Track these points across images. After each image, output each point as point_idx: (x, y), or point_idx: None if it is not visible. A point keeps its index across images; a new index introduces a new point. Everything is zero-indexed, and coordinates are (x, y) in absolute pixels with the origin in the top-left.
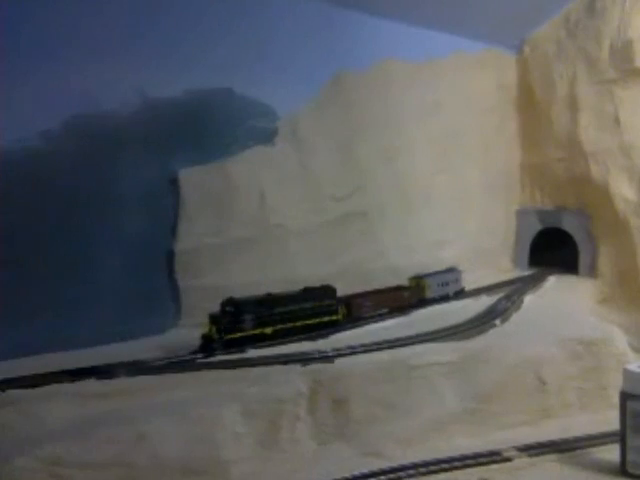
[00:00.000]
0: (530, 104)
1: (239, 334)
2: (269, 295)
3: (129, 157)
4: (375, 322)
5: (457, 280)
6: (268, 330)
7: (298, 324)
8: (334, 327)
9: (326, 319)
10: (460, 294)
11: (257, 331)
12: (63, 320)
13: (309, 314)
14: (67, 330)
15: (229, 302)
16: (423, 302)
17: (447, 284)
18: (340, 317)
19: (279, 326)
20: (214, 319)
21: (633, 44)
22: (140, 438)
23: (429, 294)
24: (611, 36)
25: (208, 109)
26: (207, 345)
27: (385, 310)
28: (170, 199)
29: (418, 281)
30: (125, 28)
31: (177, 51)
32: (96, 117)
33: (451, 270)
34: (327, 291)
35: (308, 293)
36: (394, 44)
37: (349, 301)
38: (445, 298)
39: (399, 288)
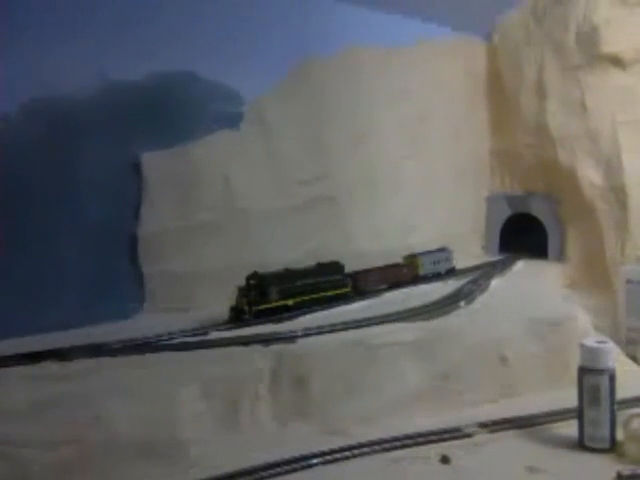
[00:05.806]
0: (499, 91)
1: (266, 305)
2: (288, 270)
3: (90, 141)
4: (378, 295)
5: (448, 259)
6: (290, 302)
7: (315, 296)
8: (344, 299)
9: (338, 291)
10: (451, 272)
11: (281, 303)
12: (23, 306)
13: (324, 287)
14: (27, 316)
15: (253, 276)
16: (417, 279)
17: (439, 262)
18: (349, 290)
19: (299, 298)
20: (243, 292)
21: (599, 29)
22: (96, 418)
23: (422, 272)
24: (577, 22)
25: (171, 93)
26: (238, 316)
27: (385, 285)
28: (133, 183)
29: (412, 259)
30: (84, 9)
31: (139, 33)
32: (55, 100)
33: (442, 250)
34: (337, 266)
35: (321, 268)
36: (362, 30)
37: (355, 276)
38: (437, 275)
39: (399, 265)
